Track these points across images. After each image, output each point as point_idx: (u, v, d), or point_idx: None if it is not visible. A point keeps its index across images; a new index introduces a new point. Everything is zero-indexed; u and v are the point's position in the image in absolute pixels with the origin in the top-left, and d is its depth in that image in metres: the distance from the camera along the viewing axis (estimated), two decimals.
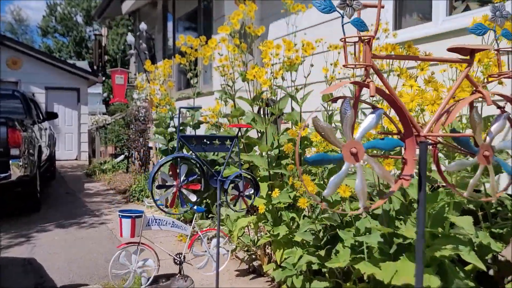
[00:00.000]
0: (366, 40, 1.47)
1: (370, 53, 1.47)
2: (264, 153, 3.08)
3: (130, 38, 6.37)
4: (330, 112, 3.23)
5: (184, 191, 2.46)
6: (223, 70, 3.47)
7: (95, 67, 13.12)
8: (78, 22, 41.61)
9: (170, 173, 2.46)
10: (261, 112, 3.79)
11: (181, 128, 4.95)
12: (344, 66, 1.54)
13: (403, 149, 1.59)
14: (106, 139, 11.13)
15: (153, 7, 8.46)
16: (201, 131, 5.06)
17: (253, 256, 3.66)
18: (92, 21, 34.29)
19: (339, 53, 3.00)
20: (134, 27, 10.81)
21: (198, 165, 2.49)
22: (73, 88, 13.95)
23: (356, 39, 1.52)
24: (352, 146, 1.34)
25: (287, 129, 3.08)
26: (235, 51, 3.22)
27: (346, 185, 2.43)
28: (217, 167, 4.84)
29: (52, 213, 6.04)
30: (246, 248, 3.77)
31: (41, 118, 8.20)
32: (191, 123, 4.90)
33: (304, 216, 2.86)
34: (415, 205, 2.16)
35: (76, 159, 14.20)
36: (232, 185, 2.62)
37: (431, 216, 1.97)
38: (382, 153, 1.94)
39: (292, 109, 3.18)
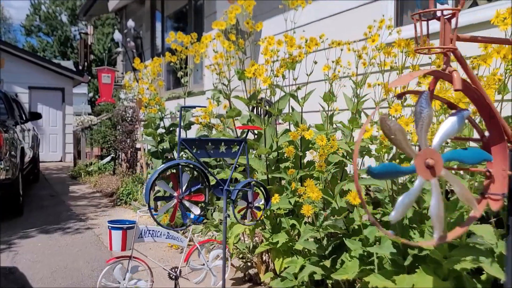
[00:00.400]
0: (447, 16, 1.16)
1: (454, 34, 1.14)
2: (262, 156, 2.90)
3: (117, 35, 6.14)
4: (330, 112, 3.08)
5: (186, 203, 2.22)
6: (218, 68, 3.28)
7: (80, 67, 12.80)
8: (63, 21, 40.98)
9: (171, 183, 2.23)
10: (255, 112, 3.63)
11: (171, 129, 4.75)
12: (416, 51, 1.27)
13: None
14: (92, 140, 10.84)
15: (140, 4, 8.24)
16: (191, 133, 4.87)
17: (249, 264, 3.48)
18: (78, 19, 33.81)
19: (341, 50, 2.85)
20: (121, 25, 10.56)
21: (201, 173, 2.26)
22: (57, 88, 13.61)
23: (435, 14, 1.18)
24: (428, 156, 1.07)
25: (286, 130, 2.91)
26: (231, 47, 3.04)
27: (349, 190, 2.27)
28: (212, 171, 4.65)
29: (36, 218, 5.79)
30: (241, 255, 3.59)
31: (24, 118, 7.92)
32: (181, 124, 4.71)
33: (306, 223, 2.69)
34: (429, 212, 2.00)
35: (61, 161, 13.87)
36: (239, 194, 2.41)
37: (449, 225, 1.81)
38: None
39: (293, 109, 3.02)
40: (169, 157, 4.79)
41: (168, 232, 2.55)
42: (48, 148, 13.66)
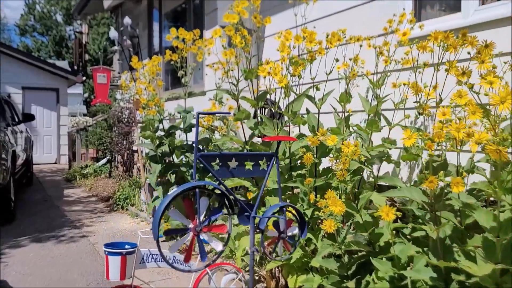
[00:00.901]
0: None
1: None
2: None
3: (113, 33, 5.87)
4: (344, 114, 2.82)
5: (205, 236, 1.79)
6: (222, 66, 3.02)
7: (75, 67, 12.48)
8: (58, 21, 40.56)
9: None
10: (258, 114, 3.38)
11: (170, 131, 4.49)
12: None
13: None
14: (88, 142, 10.55)
15: (136, 2, 7.97)
16: (191, 135, 4.61)
17: (256, 278, 3.23)
18: (72, 18, 33.45)
19: (361, 46, 2.60)
20: (117, 24, 10.28)
21: (222, 197, 1.85)
22: (52, 88, 13.30)
23: None
24: None
25: (301, 135, 2.65)
26: (242, 44, 2.78)
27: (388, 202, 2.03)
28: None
29: (28, 225, 5.51)
30: (248, 269, 3.34)
31: (17, 120, 7.63)
32: (181, 126, 4.45)
33: (323, 236, 2.44)
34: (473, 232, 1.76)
35: (55, 163, 13.56)
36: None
37: (501, 248, 1.56)
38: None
39: (308, 111, 2.76)
40: (167, 160, 4.53)
41: (174, 256, 2.22)
42: (42, 150, 13.35)
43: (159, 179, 4.52)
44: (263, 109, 4.64)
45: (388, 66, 2.68)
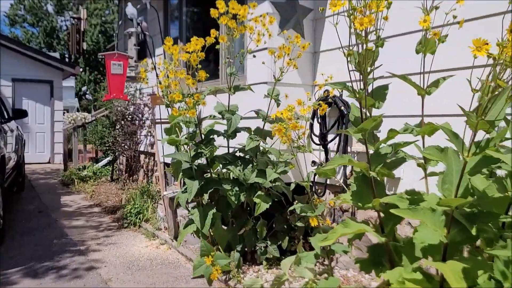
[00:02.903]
0: None
1: None
2: (439, 208, 1.61)
3: (130, 9, 4.78)
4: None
5: None
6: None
7: (72, 56, 11.28)
8: (49, 11, 39.19)
9: None
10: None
11: (210, 137, 3.44)
12: None
13: None
14: (86, 140, 9.49)
15: None
16: (235, 142, 3.56)
17: None
18: (69, 5, 32.13)
19: None
20: (119, 9, 9.16)
21: None
22: (45, 80, 12.12)
23: None
24: None
25: (485, 158, 1.60)
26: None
27: None
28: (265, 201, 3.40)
29: (19, 249, 4.44)
30: None
31: (7, 117, 6.52)
32: (225, 131, 3.41)
33: None
34: None
35: (49, 162, 12.41)
36: None
37: None
38: None
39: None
40: (208, 176, 3.49)
41: None
42: (35, 148, 12.20)
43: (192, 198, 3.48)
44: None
45: None
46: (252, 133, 3.48)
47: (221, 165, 3.45)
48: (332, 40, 3.75)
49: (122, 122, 7.73)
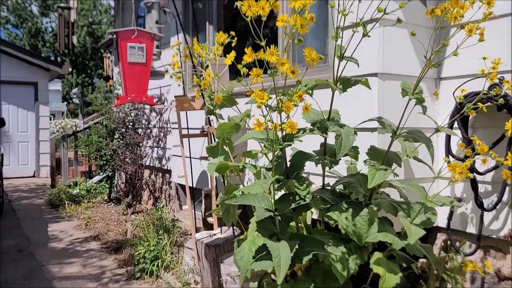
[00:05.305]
0: None
1: None
2: None
3: None
4: None
5: None
6: None
7: (61, 50, 9.70)
8: (33, 12, 37.58)
9: None
10: None
11: (300, 165, 2.03)
12: None
13: None
14: (78, 153, 8.04)
15: None
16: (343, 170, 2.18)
17: None
18: (51, 9, 30.52)
19: None
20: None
21: None
22: (29, 82, 10.55)
23: None
24: None
25: None
26: None
27: None
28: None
29: None
30: None
31: None
32: (318, 153, 2.02)
33: None
34: None
35: (34, 176, 10.84)
36: None
37: None
38: None
39: None
40: (293, 229, 2.09)
41: None
42: (17, 160, 10.62)
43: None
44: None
45: None
46: (370, 156, 2.09)
47: (318, 211, 2.05)
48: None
49: (123, 130, 6.28)
